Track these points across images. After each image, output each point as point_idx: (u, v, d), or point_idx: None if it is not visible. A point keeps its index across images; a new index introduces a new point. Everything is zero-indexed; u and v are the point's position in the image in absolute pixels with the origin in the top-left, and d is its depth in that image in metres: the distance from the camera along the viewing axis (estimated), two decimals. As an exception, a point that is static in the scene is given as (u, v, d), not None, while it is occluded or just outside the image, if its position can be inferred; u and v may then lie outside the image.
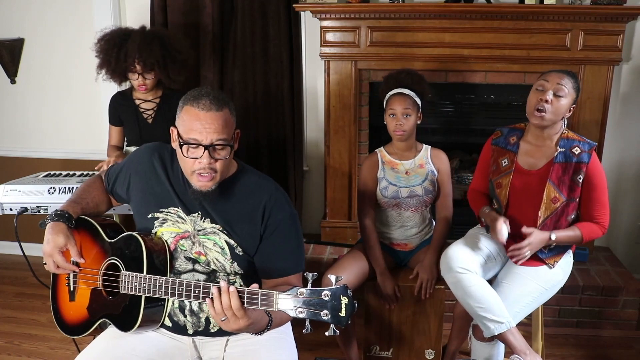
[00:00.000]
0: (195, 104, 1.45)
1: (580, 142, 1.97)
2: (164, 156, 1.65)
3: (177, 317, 1.60)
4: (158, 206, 1.61)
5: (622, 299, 2.73)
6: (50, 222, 1.57)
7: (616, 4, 2.67)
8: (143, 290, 1.48)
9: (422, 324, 2.25)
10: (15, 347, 2.68)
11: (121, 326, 1.54)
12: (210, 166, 1.46)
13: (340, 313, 1.25)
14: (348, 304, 1.25)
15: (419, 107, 2.22)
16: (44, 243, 1.55)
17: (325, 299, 1.25)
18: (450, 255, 2.01)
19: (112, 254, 1.60)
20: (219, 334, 1.61)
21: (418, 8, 2.79)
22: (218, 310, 1.32)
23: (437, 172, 2.28)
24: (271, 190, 1.59)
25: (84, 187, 1.74)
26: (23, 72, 3.45)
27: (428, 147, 2.31)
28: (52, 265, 1.57)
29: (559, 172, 1.96)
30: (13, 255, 3.56)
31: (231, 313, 1.31)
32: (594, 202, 1.97)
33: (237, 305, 1.30)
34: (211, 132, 1.43)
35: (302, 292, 1.26)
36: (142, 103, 2.59)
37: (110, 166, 1.81)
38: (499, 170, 2.09)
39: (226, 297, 1.30)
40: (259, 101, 3.18)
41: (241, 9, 3.05)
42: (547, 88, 1.93)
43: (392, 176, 2.26)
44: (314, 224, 3.32)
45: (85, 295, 1.62)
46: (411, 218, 2.29)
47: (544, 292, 2.01)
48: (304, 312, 1.26)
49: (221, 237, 1.57)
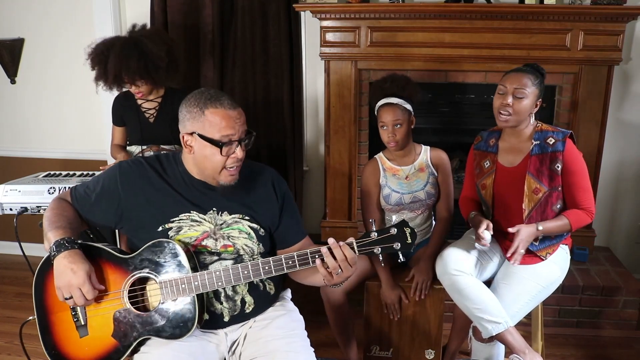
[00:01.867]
0: (219, 105, 1.52)
1: (554, 132, 2.00)
2: (155, 166, 1.64)
3: (214, 307, 1.61)
4: (168, 217, 1.59)
5: (622, 299, 2.73)
6: (64, 251, 1.44)
7: (616, 4, 2.66)
8: (197, 288, 1.50)
9: (422, 324, 2.25)
10: (16, 347, 2.68)
11: (171, 335, 1.50)
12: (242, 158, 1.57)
13: (407, 241, 1.48)
14: (411, 232, 1.49)
15: (410, 112, 2.19)
16: (67, 275, 1.41)
17: (393, 233, 1.48)
18: (445, 258, 2.02)
19: (135, 268, 1.53)
20: (252, 313, 1.66)
21: (418, 8, 2.79)
22: (333, 265, 1.47)
23: (438, 173, 2.27)
24: (269, 169, 1.76)
25: (58, 212, 1.57)
26: (23, 72, 3.45)
27: (427, 147, 2.30)
28: (82, 298, 1.43)
29: (537, 164, 1.98)
30: (13, 255, 3.57)
31: (346, 264, 1.47)
32: (575, 188, 1.98)
33: (351, 254, 1.47)
34: (240, 127, 1.55)
35: (374, 234, 1.48)
36: (144, 102, 2.60)
37: (74, 188, 1.66)
38: (482, 173, 2.12)
39: (339, 252, 1.46)
40: (259, 101, 3.18)
41: (241, 9, 3.05)
42: (507, 92, 1.96)
43: (394, 183, 2.26)
44: (314, 224, 3.32)
45: (105, 322, 1.51)
46: (413, 219, 2.29)
47: (541, 290, 2.01)
48: (379, 249, 1.48)
49: (244, 223, 1.63)
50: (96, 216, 1.63)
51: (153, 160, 1.66)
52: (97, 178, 1.66)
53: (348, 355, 2.35)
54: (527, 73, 1.97)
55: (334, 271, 1.48)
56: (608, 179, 3.11)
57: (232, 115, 1.52)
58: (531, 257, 2.02)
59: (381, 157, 2.31)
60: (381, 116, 2.18)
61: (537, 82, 1.97)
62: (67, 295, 1.43)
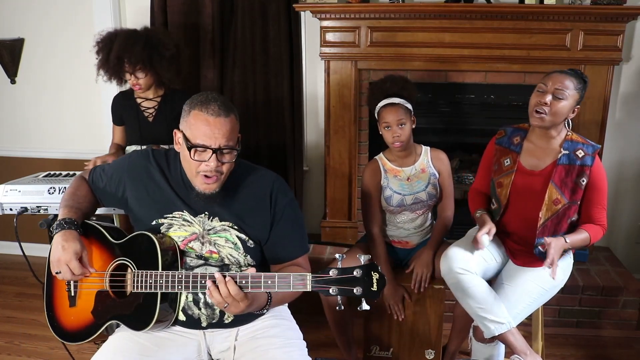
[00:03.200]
0: (204, 109, 1.48)
1: (585, 144, 1.96)
2: (160, 161, 1.66)
3: (192, 311, 1.61)
4: (161, 212, 1.62)
5: (622, 299, 2.73)
6: (61, 231, 1.54)
7: (616, 4, 2.66)
8: (160, 287, 1.50)
9: (422, 324, 2.25)
10: (15, 347, 2.68)
11: (134, 325, 1.55)
12: (217, 169, 1.50)
13: (372, 288, 1.34)
14: (379, 279, 1.35)
15: (411, 112, 2.19)
16: (58, 251, 1.52)
17: (357, 275, 1.34)
18: (449, 256, 2.01)
19: (119, 254, 1.59)
20: (232, 324, 1.64)
21: (418, 8, 2.79)
22: (217, 299, 1.40)
23: (438, 174, 2.27)
24: (272, 178, 1.67)
25: (73, 191, 1.70)
26: (23, 72, 3.45)
27: (427, 148, 2.30)
28: (69, 273, 1.53)
29: (562, 174, 1.95)
30: (13, 255, 3.57)
31: (231, 299, 1.39)
32: (594, 205, 1.96)
33: (235, 291, 1.38)
34: (220, 137, 1.48)
35: (334, 272, 1.35)
36: (144, 102, 2.59)
37: (95, 168, 1.76)
38: (500, 170, 2.08)
39: (223, 287, 1.38)
40: (259, 101, 3.18)
41: (241, 9, 3.05)
42: (547, 90, 1.91)
43: (396, 184, 2.25)
44: (314, 224, 3.32)
45: (88, 299, 1.61)
46: (414, 219, 2.28)
47: (544, 292, 2.01)
48: (336, 289, 1.35)
49: (232, 233, 1.61)
50: (107, 200, 1.73)
51: (160, 155, 1.68)
52: (114, 163, 1.76)
53: (348, 355, 2.35)
54: (570, 76, 1.93)
55: (220, 305, 1.41)
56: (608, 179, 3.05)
57: (212, 122, 1.47)
58: (536, 259, 2.01)
59: (382, 158, 2.30)
60: (384, 117, 2.16)
61: (579, 87, 1.92)
62: (56, 270, 1.53)
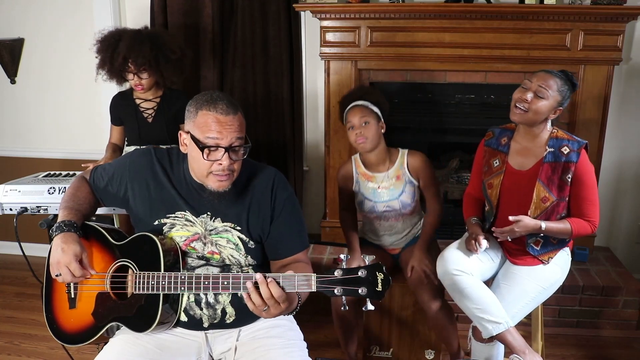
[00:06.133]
0: (212, 108, 1.48)
1: (570, 141, 1.96)
2: (163, 161, 1.66)
3: (193, 311, 1.61)
4: (165, 212, 1.62)
5: (622, 299, 2.73)
6: (60, 233, 1.53)
7: (616, 4, 2.67)
8: (163, 288, 1.49)
9: (422, 324, 2.25)
10: (15, 347, 2.68)
11: (136, 327, 1.54)
12: (229, 167, 1.50)
13: (377, 288, 1.32)
14: (384, 279, 1.32)
15: (378, 116, 2.17)
16: (58, 253, 1.51)
17: (362, 276, 1.32)
18: (446, 258, 2.01)
19: (120, 256, 1.59)
20: (234, 324, 1.63)
21: (418, 8, 2.79)
22: (257, 302, 1.36)
23: (418, 181, 2.22)
24: (272, 173, 1.67)
25: (73, 191, 1.68)
26: (23, 72, 3.45)
27: (405, 151, 2.24)
28: (69, 275, 1.52)
29: (549, 172, 1.96)
30: (13, 255, 3.57)
31: (273, 302, 1.36)
32: (582, 200, 1.96)
33: (278, 293, 1.35)
34: (230, 134, 1.48)
35: (339, 272, 1.33)
36: (143, 102, 2.59)
37: (96, 168, 1.75)
38: (490, 171, 2.09)
39: (265, 289, 1.35)
40: (259, 101, 3.18)
41: (241, 9, 3.06)
42: (530, 88, 1.93)
43: (368, 190, 2.22)
44: (314, 224, 3.32)
45: (89, 300, 1.59)
46: (394, 226, 2.26)
47: (542, 291, 2.01)
48: (341, 290, 1.32)
49: (234, 233, 1.61)
50: (108, 200, 1.71)
51: (162, 154, 1.67)
52: (115, 162, 1.73)
53: (348, 355, 2.35)
54: (556, 76, 1.93)
55: (259, 308, 1.38)
56: (608, 179, 3.11)
57: (222, 120, 1.47)
58: (532, 258, 2.02)
59: (356, 160, 2.28)
60: (348, 119, 2.16)
61: (562, 88, 1.93)
62: (56, 272, 1.52)
